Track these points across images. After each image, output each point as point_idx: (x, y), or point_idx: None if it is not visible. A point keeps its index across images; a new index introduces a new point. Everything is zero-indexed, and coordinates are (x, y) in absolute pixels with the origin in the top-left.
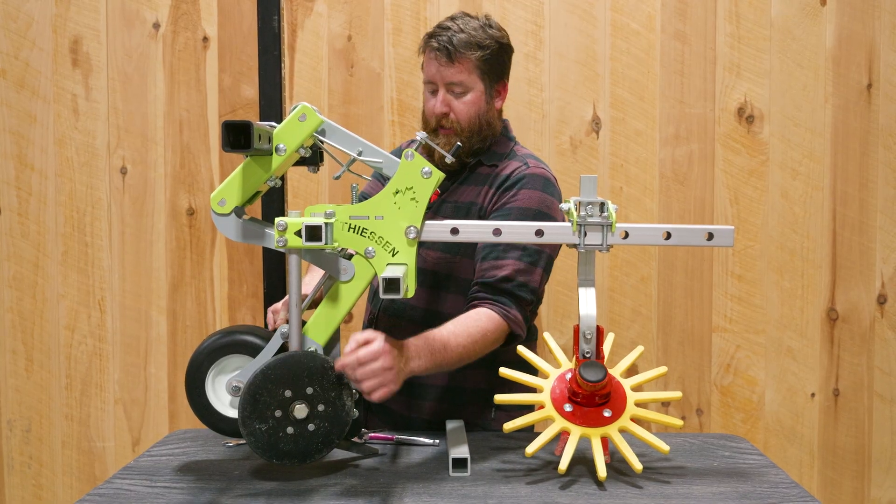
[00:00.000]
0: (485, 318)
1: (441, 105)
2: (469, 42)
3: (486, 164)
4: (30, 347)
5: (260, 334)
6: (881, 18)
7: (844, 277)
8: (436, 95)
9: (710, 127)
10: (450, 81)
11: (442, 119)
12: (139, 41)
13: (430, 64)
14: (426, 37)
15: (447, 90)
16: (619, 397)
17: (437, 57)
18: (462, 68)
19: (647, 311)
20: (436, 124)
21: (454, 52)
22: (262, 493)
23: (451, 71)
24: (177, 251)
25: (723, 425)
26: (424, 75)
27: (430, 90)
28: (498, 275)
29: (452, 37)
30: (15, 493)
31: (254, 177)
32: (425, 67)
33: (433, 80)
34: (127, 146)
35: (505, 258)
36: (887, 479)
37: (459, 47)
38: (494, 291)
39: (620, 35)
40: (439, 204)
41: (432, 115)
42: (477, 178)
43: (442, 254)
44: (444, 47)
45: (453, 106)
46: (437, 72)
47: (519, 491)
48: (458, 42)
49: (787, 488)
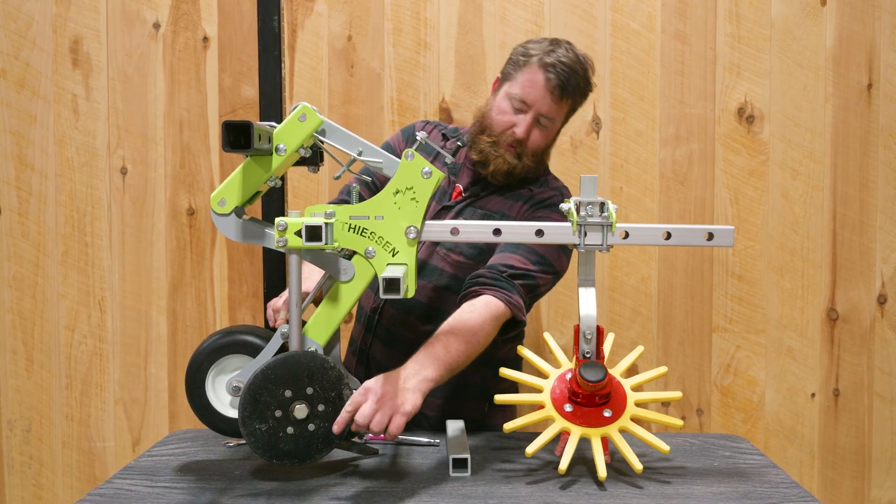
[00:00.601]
0: (481, 307)
1: (524, 131)
2: (580, 88)
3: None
4: (30, 347)
5: (260, 334)
6: (881, 18)
7: (844, 277)
8: (518, 114)
9: (711, 127)
10: (545, 114)
11: (517, 142)
12: (139, 41)
13: (534, 88)
14: (541, 59)
15: (536, 118)
16: (619, 397)
17: (549, 88)
18: (562, 109)
19: (647, 311)
20: (507, 141)
21: (567, 92)
22: (263, 494)
23: (553, 107)
24: (177, 251)
25: (723, 425)
26: (518, 90)
27: (517, 107)
28: (505, 262)
29: (571, 77)
30: (15, 493)
31: (254, 177)
32: (526, 86)
33: (530, 103)
34: (127, 146)
35: (517, 253)
36: (887, 480)
37: (573, 90)
38: (496, 276)
39: (620, 35)
40: (464, 207)
41: (507, 130)
42: (512, 195)
43: (466, 259)
44: (563, 85)
45: (533, 135)
46: (540, 101)
47: (519, 491)
48: (573, 85)
49: (788, 488)
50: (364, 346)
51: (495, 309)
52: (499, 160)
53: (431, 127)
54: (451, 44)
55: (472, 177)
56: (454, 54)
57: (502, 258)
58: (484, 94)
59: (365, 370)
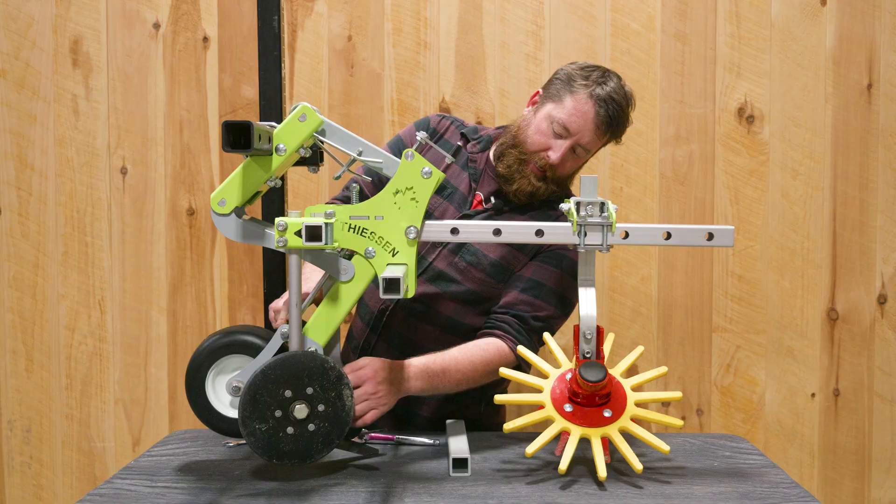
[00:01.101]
0: (493, 350)
1: (559, 158)
2: (622, 125)
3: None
4: (30, 347)
5: (260, 334)
6: (881, 18)
7: (844, 277)
8: (557, 139)
9: (711, 127)
10: (583, 146)
11: (548, 165)
12: (139, 41)
13: (581, 117)
14: (593, 92)
15: (573, 147)
16: (619, 397)
17: (597, 121)
18: (601, 142)
19: (647, 311)
20: (538, 163)
21: (610, 129)
22: (263, 494)
23: (594, 140)
24: (177, 251)
25: (723, 425)
26: (563, 115)
27: (557, 132)
28: (535, 314)
29: (620, 115)
30: (15, 494)
31: (254, 177)
32: (572, 115)
33: (573, 132)
34: (127, 146)
35: (545, 301)
36: (887, 480)
37: (616, 126)
38: (521, 331)
39: (621, 35)
40: (488, 217)
41: (541, 152)
42: (536, 215)
43: (488, 277)
44: (609, 121)
45: (567, 163)
46: (584, 132)
47: (519, 491)
48: (619, 122)
49: (788, 488)
50: (367, 344)
51: (505, 358)
52: (524, 181)
53: (448, 122)
54: (451, 44)
55: (495, 188)
56: (454, 54)
57: (532, 305)
58: (484, 94)
59: None
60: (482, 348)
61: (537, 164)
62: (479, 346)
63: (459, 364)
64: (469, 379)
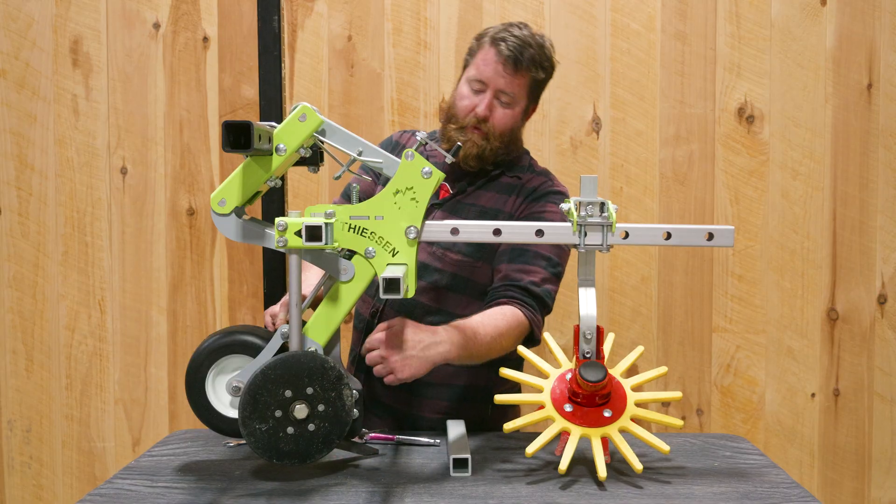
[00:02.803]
0: (510, 315)
1: (485, 109)
2: (535, 60)
3: (508, 175)
4: (30, 347)
5: (260, 334)
6: (881, 18)
7: (844, 277)
8: (479, 95)
9: (711, 127)
10: (503, 90)
11: (479, 121)
12: (139, 41)
13: (487, 64)
14: (492, 37)
15: (495, 96)
16: (619, 397)
17: (501, 61)
18: (520, 83)
19: (647, 311)
20: (471, 123)
21: (520, 65)
22: (263, 494)
23: (509, 81)
24: (177, 251)
25: (723, 425)
26: (474, 71)
27: (476, 88)
28: (528, 279)
29: (524, 49)
30: (15, 494)
31: (254, 177)
32: (480, 65)
33: (486, 81)
34: (127, 146)
35: (534, 264)
36: (888, 480)
37: (528, 62)
38: (524, 293)
39: (621, 35)
40: (455, 204)
41: (469, 113)
42: (501, 187)
43: (464, 257)
44: (513, 56)
45: (494, 113)
46: (495, 75)
47: (520, 491)
48: (527, 56)
49: (788, 488)
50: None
51: (523, 322)
52: (468, 144)
53: (409, 135)
54: (451, 44)
55: (453, 171)
56: (454, 54)
57: (524, 271)
58: None
59: (365, 376)
60: (501, 313)
61: (472, 125)
62: (498, 311)
63: (486, 328)
64: (497, 346)
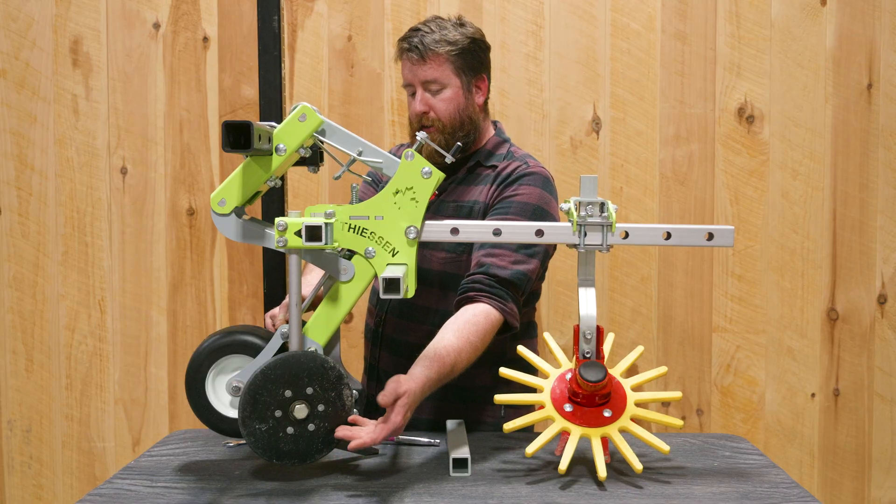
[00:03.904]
0: (482, 318)
1: (420, 104)
2: (439, 39)
3: (485, 164)
4: (30, 347)
5: (260, 334)
6: (881, 18)
7: (844, 277)
8: (412, 95)
9: (711, 127)
10: (425, 80)
11: (423, 118)
12: (139, 41)
13: (404, 66)
14: (398, 42)
15: (424, 89)
16: (619, 397)
17: (409, 58)
18: (435, 65)
19: (647, 311)
20: (419, 125)
21: (425, 51)
22: (263, 493)
23: (424, 69)
24: (177, 251)
25: (723, 425)
26: (403, 80)
27: (410, 93)
28: (495, 263)
29: (423, 37)
30: (15, 494)
31: (254, 177)
32: (402, 73)
33: (410, 81)
34: (127, 146)
35: (502, 247)
36: (888, 480)
37: (430, 45)
38: (493, 281)
39: (621, 35)
40: (438, 204)
41: (414, 116)
42: (477, 178)
43: (448, 253)
44: (415, 47)
45: (432, 104)
46: (412, 72)
47: (519, 491)
48: (428, 41)
49: (788, 488)
50: (373, 360)
51: (494, 319)
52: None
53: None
54: None
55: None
56: None
57: (493, 255)
58: None
59: (376, 384)
60: (471, 322)
61: (420, 126)
62: (468, 319)
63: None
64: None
